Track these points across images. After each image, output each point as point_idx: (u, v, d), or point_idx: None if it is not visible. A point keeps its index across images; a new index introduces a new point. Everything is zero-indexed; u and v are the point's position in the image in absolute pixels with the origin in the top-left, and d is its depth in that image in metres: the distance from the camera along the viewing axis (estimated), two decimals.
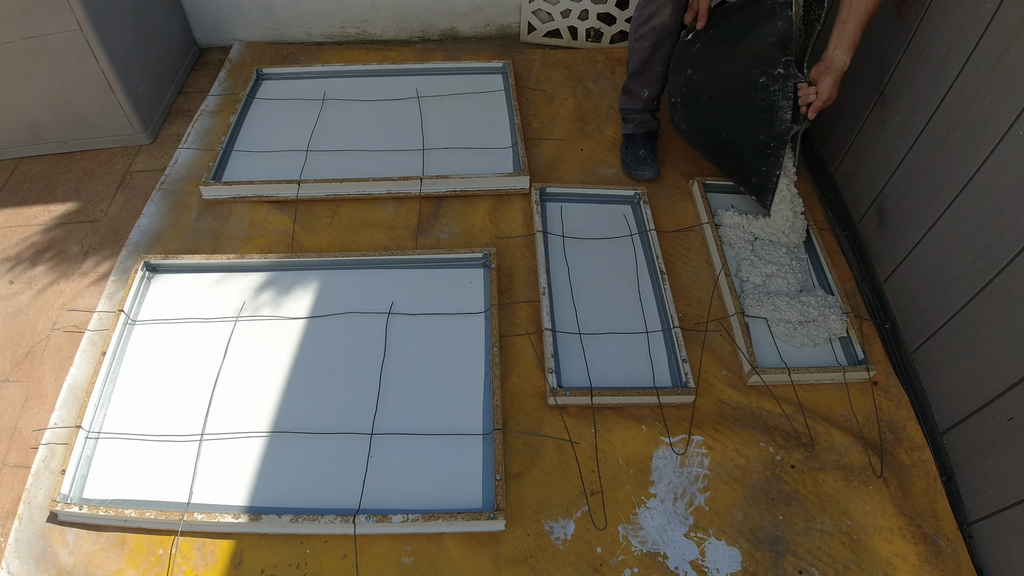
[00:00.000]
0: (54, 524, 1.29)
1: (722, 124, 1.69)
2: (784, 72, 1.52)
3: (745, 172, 1.71)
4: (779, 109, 1.55)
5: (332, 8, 2.46)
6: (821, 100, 1.52)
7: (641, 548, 1.27)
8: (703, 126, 1.76)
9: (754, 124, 1.61)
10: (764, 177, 1.66)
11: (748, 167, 1.69)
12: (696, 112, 1.75)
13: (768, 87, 1.55)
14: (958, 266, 1.35)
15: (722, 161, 1.79)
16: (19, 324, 1.66)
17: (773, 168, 1.63)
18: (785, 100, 1.54)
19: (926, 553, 1.25)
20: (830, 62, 1.49)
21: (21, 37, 1.83)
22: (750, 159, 1.67)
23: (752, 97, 1.59)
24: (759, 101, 1.58)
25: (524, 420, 1.43)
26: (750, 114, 1.61)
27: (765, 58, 1.54)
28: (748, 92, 1.59)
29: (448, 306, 1.61)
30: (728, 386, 1.49)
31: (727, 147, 1.72)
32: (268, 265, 1.69)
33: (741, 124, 1.64)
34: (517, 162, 1.94)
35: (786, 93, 1.54)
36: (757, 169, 1.67)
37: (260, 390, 1.46)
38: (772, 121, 1.57)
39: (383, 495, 1.30)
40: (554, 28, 2.48)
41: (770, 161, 1.63)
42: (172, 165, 2.01)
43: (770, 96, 1.55)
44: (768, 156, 1.62)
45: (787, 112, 1.55)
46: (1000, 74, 1.23)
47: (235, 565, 1.24)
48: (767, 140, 1.60)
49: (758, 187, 1.69)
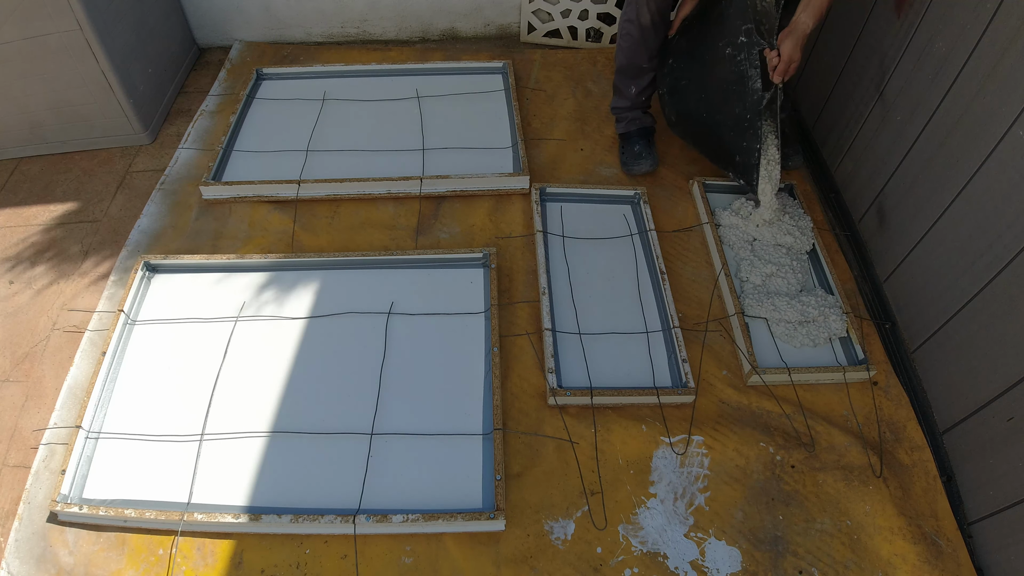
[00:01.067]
0: (54, 524, 1.29)
1: (702, 105, 1.70)
2: (747, 40, 1.53)
3: (729, 152, 1.71)
4: (748, 78, 1.55)
5: (332, 8, 2.46)
6: (784, 63, 1.50)
7: (641, 548, 1.27)
8: (688, 112, 1.78)
9: (728, 98, 1.62)
10: (746, 154, 1.65)
11: (730, 146, 1.69)
12: (681, 99, 1.77)
13: (735, 58, 1.56)
14: (958, 266, 1.35)
15: (709, 146, 1.79)
16: (19, 324, 1.66)
17: (753, 142, 1.62)
18: (753, 69, 1.54)
19: (926, 553, 1.25)
20: (794, 25, 1.50)
21: (21, 37, 1.83)
22: (731, 137, 1.67)
23: (723, 72, 1.60)
24: (730, 74, 1.59)
25: (524, 420, 1.43)
26: (723, 89, 1.61)
27: (729, 30, 1.56)
28: (718, 67, 1.60)
29: (448, 306, 1.61)
30: (728, 386, 1.49)
31: (710, 129, 1.73)
32: (268, 265, 1.69)
33: (718, 101, 1.65)
34: (517, 162, 1.94)
35: (752, 61, 1.54)
36: (738, 146, 1.66)
37: (260, 390, 1.46)
38: (743, 92, 1.57)
39: (383, 495, 1.30)
40: (554, 28, 2.48)
41: (749, 135, 1.62)
42: (172, 165, 2.01)
43: (738, 66, 1.56)
44: (746, 130, 1.61)
45: (756, 81, 1.54)
46: (1000, 74, 1.24)
47: (235, 565, 1.24)
48: (743, 113, 1.60)
49: (742, 167, 1.69)
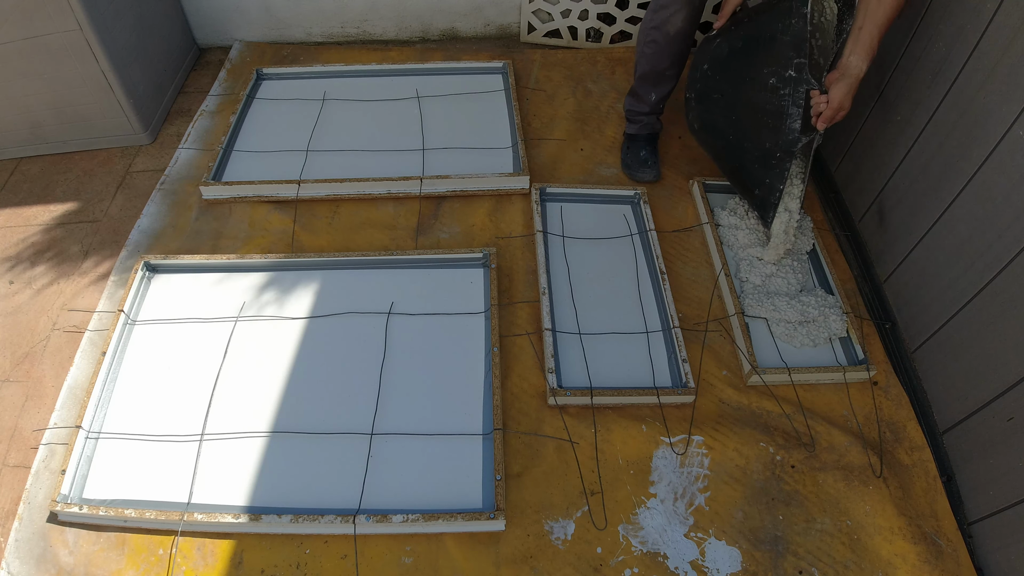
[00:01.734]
0: (54, 524, 1.29)
1: (731, 126, 1.62)
2: (796, 75, 1.43)
3: (749, 182, 1.63)
4: (788, 116, 1.45)
5: (332, 8, 2.46)
6: (832, 109, 1.40)
7: (641, 548, 1.27)
8: (714, 126, 1.69)
9: (761, 129, 1.52)
10: (767, 190, 1.56)
11: (752, 177, 1.60)
12: (708, 110, 1.69)
13: (778, 90, 1.46)
14: (958, 266, 1.35)
15: (729, 166, 1.71)
16: (19, 324, 1.66)
17: (777, 182, 1.52)
18: (795, 107, 1.44)
19: (926, 553, 1.25)
20: (844, 68, 1.39)
21: (21, 37, 1.83)
22: (755, 168, 1.58)
23: (761, 99, 1.50)
24: (768, 104, 1.49)
25: (524, 420, 1.43)
26: (758, 118, 1.52)
27: (778, 58, 1.46)
28: (758, 94, 1.51)
29: (448, 306, 1.61)
30: (728, 386, 1.49)
31: (734, 151, 1.64)
32: (268, 265, 1.69)
33: (749, 128, 1.56)
34: (517, 162, 1.94)
35: (796, 99, 1.44)
36: (760, 180, 1.57)
37: (260, 390, 1.46)
38: (779, 128, 1.47)
39: (383, 495, 1.30)
40: (554, 28, 2.48)
41: (774, 173, 1.52)
42: (172, 165, 2.01)
43: (779, 100, 1.46)
44: (773, 168, 1.52)
45: (796, 121, 1.45)
46: (1000, 74, 1.24)
47: (235, 565, 1.24)
48: (773, 149, 1.50)
49: (760, 200, 1.60)
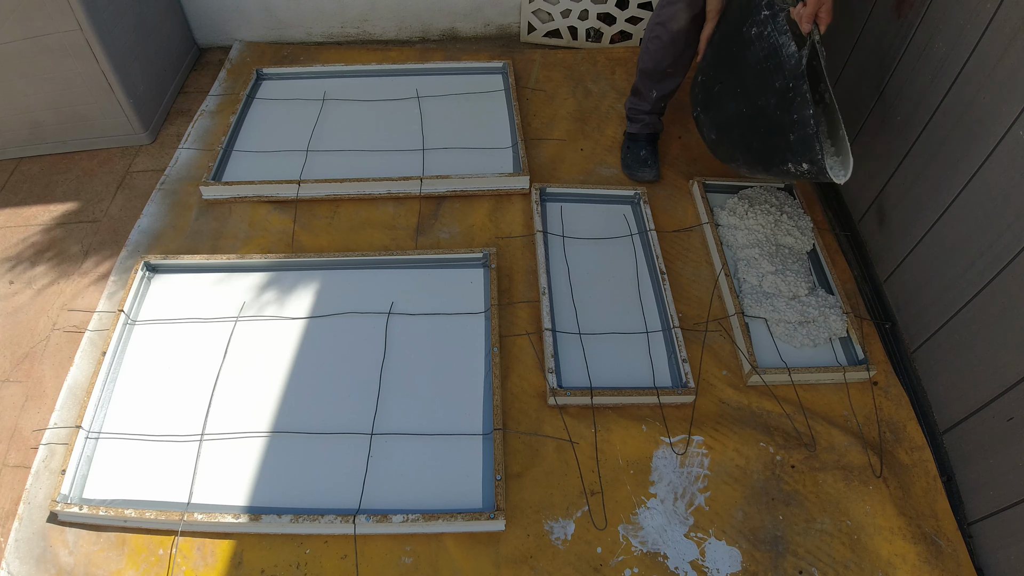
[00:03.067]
0: (54, 524, 1.29)
1: (741, 101, 1.57)
2: (769, 12, 1.44)
3: (782, 138, 1.50)
4: (781, 47, 1.44)
5: (332, 8, 2.46)
6: (811, 4, 1.38)
7: (641, 548, 1.27)
8: (727, 119, 1.63)
9: (767, 78, 1.49)
10: (802, 126, 1.45)
11: (782, 130, 1.49)
12: (718, 108, 1.65)
13: (763, 34, 1.46)
14: (958, 266, 1.35)
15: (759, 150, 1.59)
16: (19, 324, 1.66)
17: (804, 109, 1.43)
18: (783, 35, 1.44)
19: (926, 553, 1.25)
20: None
21: (21, 37, 1.83)
22: (778, 117, 1.49)
23: (755, 55, 1.49)
24: (761, 52, 1.48)
25: (524, 420, 1.43)
26: (759, 71, 1.49)
27: (748, 13, 1.48)
28: (749, 52, 1.50)
29: (448, 306, 1.61)
30: (728, 386, 1.49)
31: (756, 123, 1.55)
32: (268, 265, 1.69)
33: (757, 88, 1.52)
34: (517, 162, 1.94)
35: (780, 28, 1.44)
36: (791, 123, 1.47)
37: (260, 390, 1.46)
38: (780, 61, 1.45)
39: (383, 495, 1.30)
40: (554, 28, 2.48)
41: (797, 103, 1.44)
42: (172, 165, 2.01)
43: (767, 41, 1.46)
44: (793, 100, 1.45)
45: (790, 44, 1.43)
46: (1000, 74, 1.24)
47: (235, 565, 1.24)
48: (784, 84, 1.45)
49: (800, 145, 1.47)
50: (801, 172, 1.50)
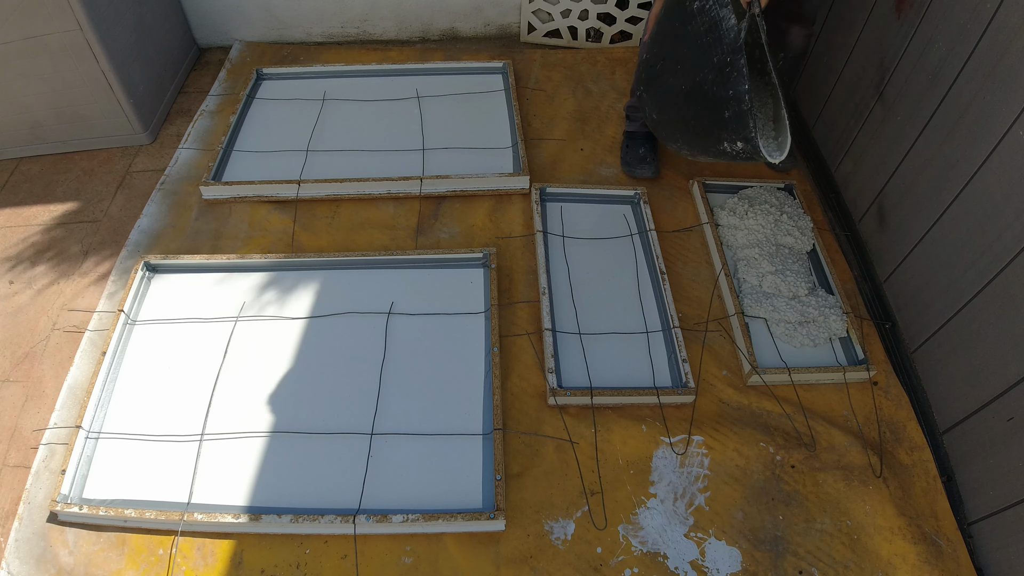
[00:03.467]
0: (54, 524, 1.29)
1: (681, 77, 1.50)
2: None
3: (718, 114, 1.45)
4: (721, 20, 1.39)
5: (332, 8, 2.46)
6: None
7: (641, 548, 1.27)
8: (668, 95, 1.56)
9: (706, 51, 1.43)
10: (736, 102, 1.40)
11: (719, 105, 1.44)
12: (659, 85, 1.58)
13: (704, 8, 1.41)
14: (958, 266, 1.35)
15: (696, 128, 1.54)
16: (19, 324, 1.66)
17: (739, 84, 1.38)
18: (724, 8, 1.39)
19: (926, 553, 1.25)
20: None
21: (21, 37, 1.83)
22: (715, 92, 1.44)
23: (695, 27, 1.43)
24: (702, 26, 1.42)
25: (524, 420, 1.43)
26: (699, 45, 1.44)
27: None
28: (690, 25, 1.44)
29: (448, 306, 1.61)
30: (728, 386, 1.49)
31: (694, 99, 1.49)
32: (268, 265, 1.69)
33: (697, 60, 1.45)
34: (517, 162, 1.94)
35: (721, 1, 1.39)
36: (726, 99, 1.41)
37: (260, 390, 1.46)
38: (720, 35, 1.40)
39: (383, 495, 1.30)
40: (554, 28, 2.48)
41: (733, 78, 1.39)
42: (172, 165, 2.01)
43: (708, 14, 1.40)
44: (729, 75, 1.40)
45: (730, 18, 1.38)
46: (1000, 74, 1.24)
47: (235, 565, 1.24)
48: (722, 58, 1.40)
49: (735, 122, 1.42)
50: (736, 152, 1.46)
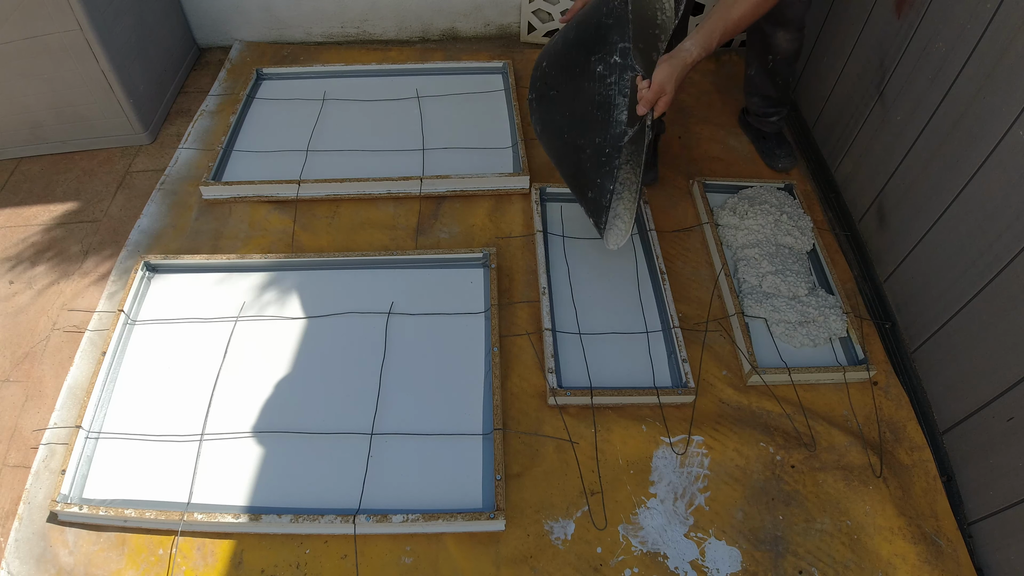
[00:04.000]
0: (54, 524, 1.29)
1: (567, 124, 1.47)
2: (620, 61, 1.31)
3: (583, 185, 1.48)
4: (615, 107, 1.33)
5: (332, 8, 2.46)
6: (653, 92, 1.29)
7: (641, 548, 1.27)
8: (552, 126, 1.54)
9: (592, 124, 1.39)
10: (598, 192, 1.41)
11: (586, 179, 1.45)
12: (547, 110, 1.54)
13: (605, 78, 1.34)
14: (958, 266, 1.35)
15: (566, 170, 1.55)
16: (19, 324, 1.66)
17: (607, 181, 1.38)
18: (621, 96, 1.33)
19: (926, 553, 1.25)
20: (675, 51, 1.31)
21: (21, 37, 1.83)
22: (587, 168, 1.43)
23: (591, 90, 1.37)
24: (597, 95, 1.36)
25: (524, 420, 1.43)
26: (589, 112, 1.39)
27: (603, 42, 1.34)
28: (587, 84, 1.38)
29: (448, 306, 1.61)
30: (728, 386, 1.49)
31: (570, 153, 1.49)
32: (268, 265, 1.69)
33: (582, 124, 1.42)
34: (517, 162, 1.94)
35: (622, 87, 1.32)
36: (593, 181, 1.42)
37: (260, 390, 1.46)
38: (608, 121, 1.35)
39: (383, 495, 1.30)
40: (554, 28, 2.48)
41: (604, 172, 1.38)
42: (172, 165, 2.01)
43: (607, 89, 1.34)
44: (603, 165, 1.38)
45: (623, 112, 1.33)
46: (1000, 74, 1.24)
47: (235, 565, 1.24)
48: (602, 144, 1.37)
49: (593, 204, 1.45)
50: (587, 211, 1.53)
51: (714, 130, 2.11)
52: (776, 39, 1.70)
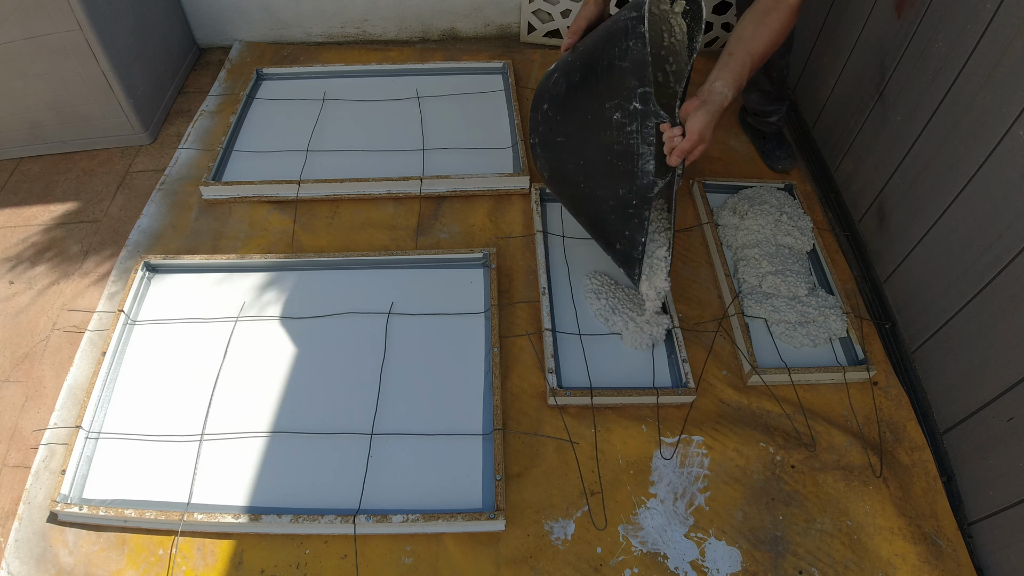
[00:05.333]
0: (54, 524, 1.29)
1: (580, 173, 1.36)
2: (642, 108, 1.19)
3: (609, 236, 1.39)
4: (639, 156, 1.22)
5: (332, 8, 2.46)
6: (690, 142, 1.20)
7: (641, 548, 1.27)
8: (563, 174, 1.43)
9: (613, 174, 1.28)
10: (628, 244, 1.33)
11: (612, 229, 1.36)
12: (555, 156, 1.42)
13: (624, 127, 1.22)
14: (958, 266, 1.35)
15: (586, 219, 1.46)
16: (19, 324, 1.66)
17: (638, 234, 1.29)
18: (646, 145, 1.21)
19: (926, 553, 1.25)
20: (706, 95, 1.22)
21: (21, 37, 1.83)
22: (612, 219, 1.34)
23: (607, 139, 1.26)
24: (616, 145, 1.25)
25: (524, 420, 1.43)
26: (607, 161, 1.28)
27: (618, 89, 1.22)
28: (603, 132, 1.27)
29: (448, 306, 1.61)
30: (728, 386, 1.49)
31: (589, 202, 1.39)
32: (268, 265, 1.69)
33: (599, 174, 1.32)
34: (517, 162, 1.94)
35: (646, 136, 1.20)
36: (620, 233, 1.34)
37: (260, 390, 1.46)
38: (632, 171, 1.24)
39: (383, 495, 1.30)
40: (554, 28, 2.48)
41: (633, 224, 1.29)
42: (172, 165, 2.01)
43: (627, 138, 1.22)
44: (631, 217, 1.29)
45: (649, 161, 1.21)
46: (1000, 74, 1.24)
47: (235, 565, 1.24)
48: (628, 196, 1.27)
49: (623, 256, 1.37)
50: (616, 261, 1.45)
51: (714, 130, 2.10)
52: None
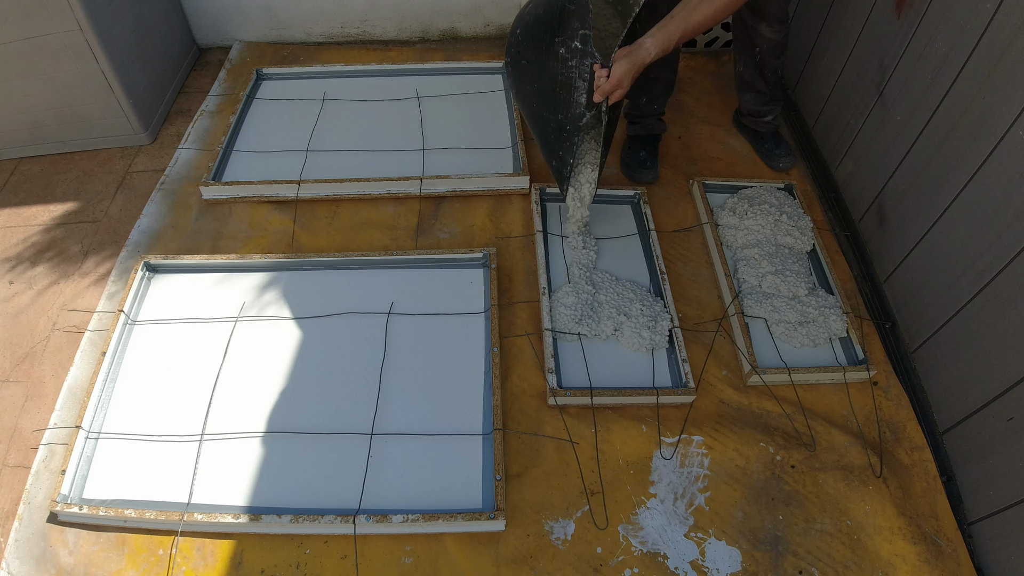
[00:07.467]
0: (54, 524, 1.29)
1: (535, 94, 1.58)
2: (581, 47, 1.38)
3: (549, 153, 1.62)
4: (575, 89, 1.42)
5: (332, 8, 2.46)
6: (610, 84, 1.36)
7: (641, 548, 1.27)
8: (524, 94, 1.65)
9: (556, 101, 1.49)
10: (560, 163, 1.56)
11: (551, 148, 1.59)
12: (520, 77, 1.64)
13: (567, 60, 1.42)
14: (958, 266, 1.35)
15: (537, 135, 1.68)
16: (19, 324, 1.66)
17: (567, 155, 1.52)
18: (581, 80, 1.41)
19: (926, 553, 1.25)
20: (635, 47, 1.37)
21: (21, 37, 1.83)
22: (552, 139, 1.56)
23: (554, 69, 1.46)
24: (559, 75, 1.45)
25: (524, 420, 1.43)
26: (553, 89, 1.49)
27: (565, 27, 1.41)
28: (553, 63, 1.46)
29: (448, 306, 1.61)
30: (728, 386, 1.49)
31: (538, 121, 1.62)
32: (268, 265, 1.69)
33: (547, 98, 1.52)
34: (517, 162, 1.94)
35: (582, 72, 1.40)
36: (555, 152, 1.56)
37: (260, 390, 1.46)
38: (569, 100, 1.45)
39: (383, 495, 1.30)
40: None
41: (566, 146, 1.51)
42: (172, 165, 2.01)
43: (568, 72, 1.42)
44: (564, 140, 1.51)
45: (582, 95, 1.42)
46: (1000, 74, 1.24)
47: (235, 565, 1.24)
48: (564, 122, 1.49)
49: (557, 172, 1.61)
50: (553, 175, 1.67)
51: (714, 130, 2.11)
52: (759, 31, 1.72)
